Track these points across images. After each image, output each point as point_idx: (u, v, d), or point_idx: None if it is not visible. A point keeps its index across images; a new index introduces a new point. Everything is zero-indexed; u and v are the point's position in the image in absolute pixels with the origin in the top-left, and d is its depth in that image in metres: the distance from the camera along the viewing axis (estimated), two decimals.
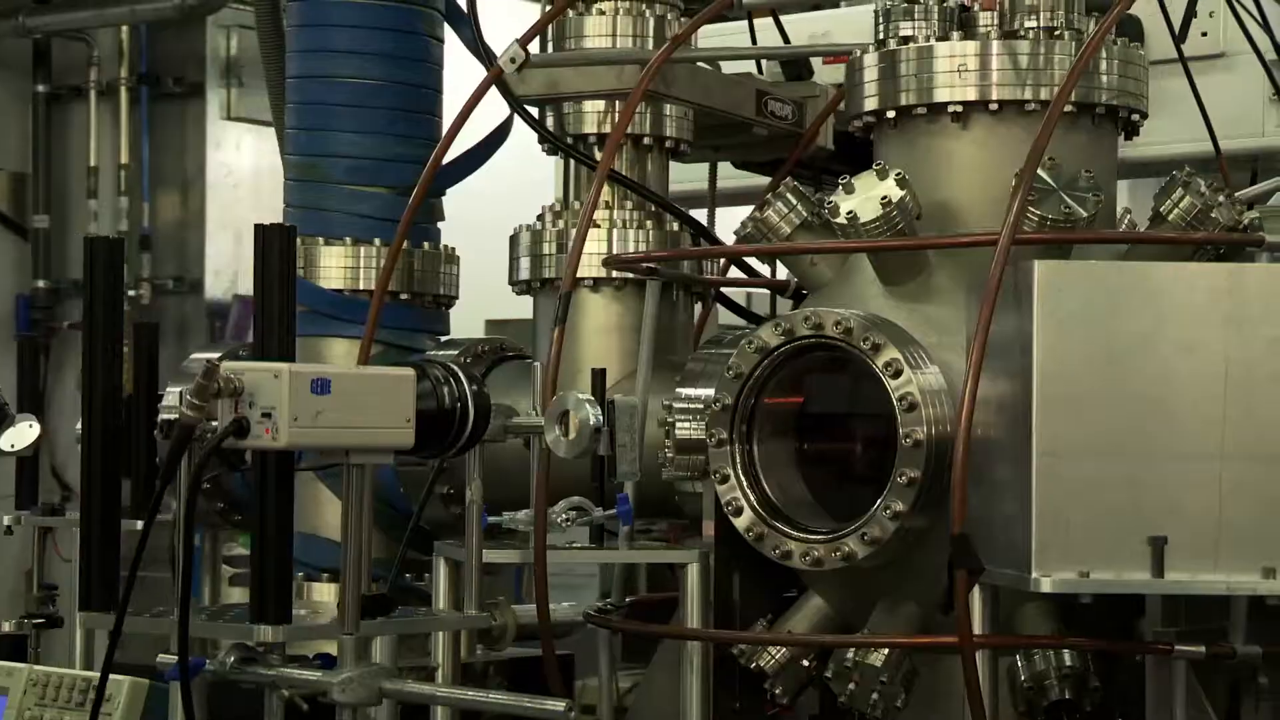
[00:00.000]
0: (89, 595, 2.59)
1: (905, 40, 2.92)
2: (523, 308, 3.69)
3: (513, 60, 3.17)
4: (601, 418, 2.67)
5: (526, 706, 2.42)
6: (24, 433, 3.50)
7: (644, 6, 3.36)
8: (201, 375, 2.22)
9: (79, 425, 2.88)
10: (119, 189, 7.91)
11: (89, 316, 2.58)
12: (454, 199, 3.82)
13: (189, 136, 8.01)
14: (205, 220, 7.75)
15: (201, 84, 7.95)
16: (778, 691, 2.87)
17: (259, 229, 2.42)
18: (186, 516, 2.36)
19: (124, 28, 8.08)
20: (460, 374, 2.49)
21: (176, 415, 2.38)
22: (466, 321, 4.10)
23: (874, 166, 2.89)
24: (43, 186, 8.36)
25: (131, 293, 7.48)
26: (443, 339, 3.60)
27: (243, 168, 7.76)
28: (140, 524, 2.58)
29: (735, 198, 3.85)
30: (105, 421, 2.58)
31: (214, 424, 2.26)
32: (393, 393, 2.35)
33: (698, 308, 3.58)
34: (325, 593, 3.03)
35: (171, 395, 2.72)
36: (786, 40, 3.58)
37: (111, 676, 2.68)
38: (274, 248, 2.46)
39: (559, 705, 2.33)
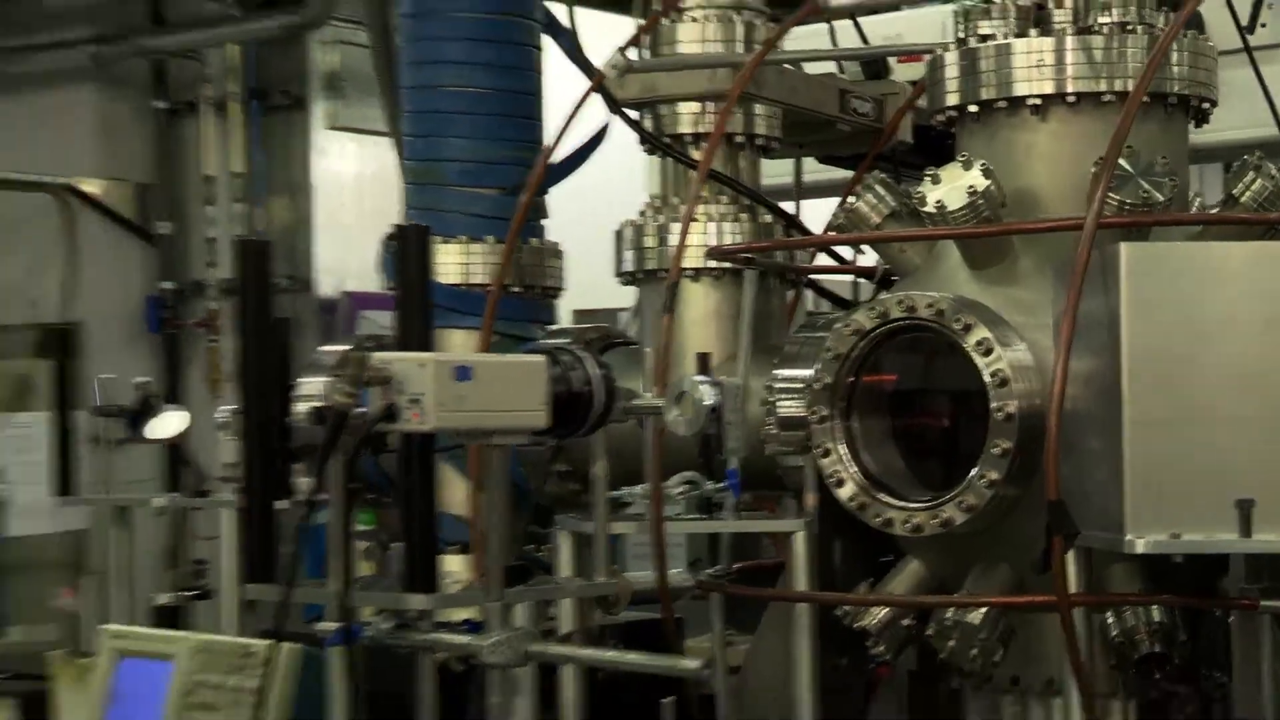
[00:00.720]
0: (253, 569, 2.61)
1: (985, 38, 2.90)
2: (605, 299, 3.67)
3: (614, 68, 3.16)
4: (716, 398, 2.65)
5: (664, 665, 2.42)
6: (172, 422, 3.52)
7: (732, 13, 3.34)
8: (353, 365, 2.24)
9: (213, 413, 2.88)
10: (234, 196, 7.96)
11: (244, 311, 2.60)
12: None
13: (296, 146, 8.04)
14: (313, 223, 7.80)
15: (306, 97, 7.98)
16: (880, 649, 2.86)
17: (398, 229, 2.44)
18: (345, 495, 2.37)
19: (234, 46, 8.11)
20: (589, 359, 2.49)
21: (324, 403, 2.40)
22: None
23: (958, 158, 2.86)
24: (165, 195, 8.41)
25: None
26: (550, 328, 3.58)
27: (346, 174, 7.79)
28: (282, 503, 2.64)
29: (819, 190, 3.81)
30: (261, 409, 2.58)
31: (361, 410, 2.27)
32: (528, 378, 2.35)
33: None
34: (454, 564, 3.02)
35: (311, 385, 2.69)
36: (865, 42, 3.56)
37: (271, 644, 2.68)
38: (412, 246, 2.47)
39: (694, 663, 2.34)
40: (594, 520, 2.67)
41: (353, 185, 7.68)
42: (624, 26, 3.56)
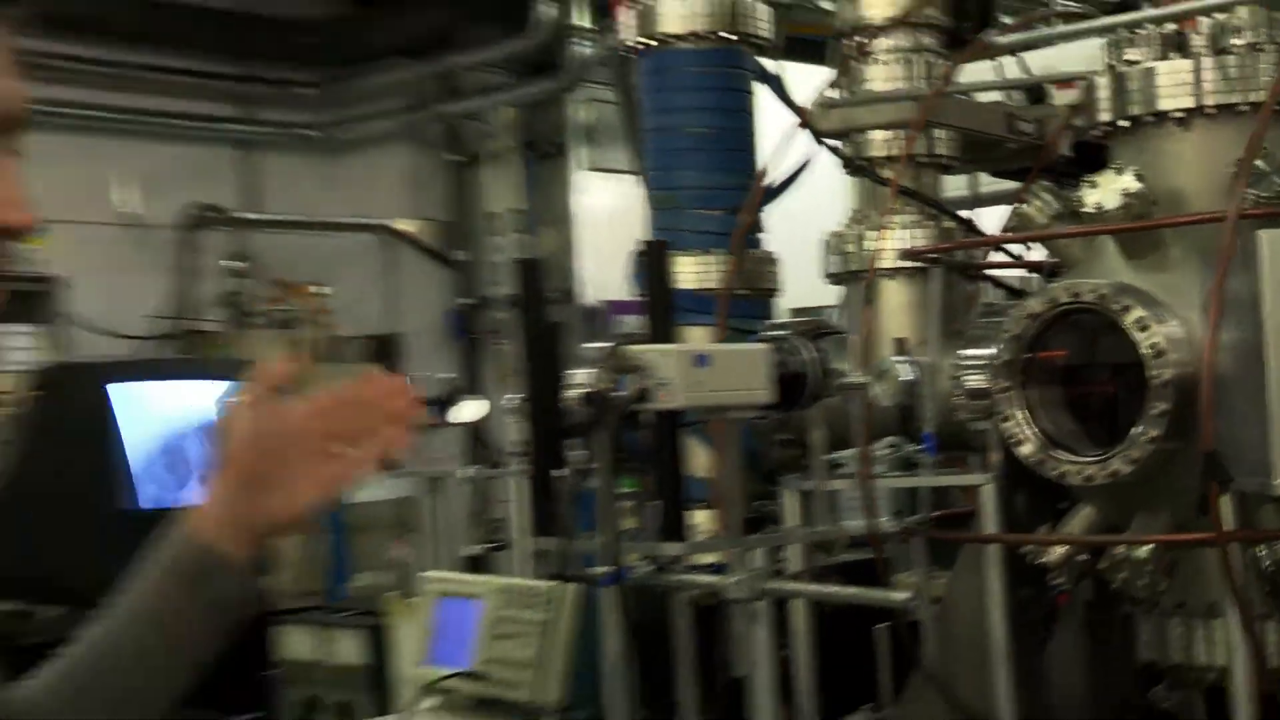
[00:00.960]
0: (539, 525, 2.65)
1: (1132, 63, 2.76)
2: (813, 298, 3.61)
3: (818, 107, 3.09)
4: (912, 374, 2.55)
5: (877, 598, 2.35)
6: (471, 408, 3.55)
7: (913, 54, 3.24)
8: (610, 357, 2.21)
9: (503, 401, 2.84)
10: (513, 228, 8.05)
11: (523, 318, 2.61)
12: None
13: (560, 186, 8.18)
14: (575, 247, 7.92)
15: (567, 145, 8.05)
16: (1060, 581, 2.74)
17: (644, 245, 2.41)
18: (610, 464, 2.32)
19: (509, 108, 8.24)
20: (806, 346, 2.43)
21: (590, 389, 2.37)
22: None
23: (1112, 166, 2.72)
24: (460, 230, 8.54)
25: None
26: (770, 322, 3.50)
27: (601, 206, 7.92)
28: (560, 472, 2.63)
29: (992, 200, 3.67)
30: (540, 397, 2.55)
31: (620, 394, 2.24)
32: (755, 362, 2.30)
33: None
34: (700, 518, 2.95)
35: (579, 375, 2.65)
36: (1027, 73, 3.39)
37: (557, 584, 2.65)
38: (654, 260, 2.42)
39: (902, 595, 2.27)
40: (813, 479, 2.57)
41: (606, 215, 7.73)
42: (820, 73, 3.46)
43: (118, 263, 7.70)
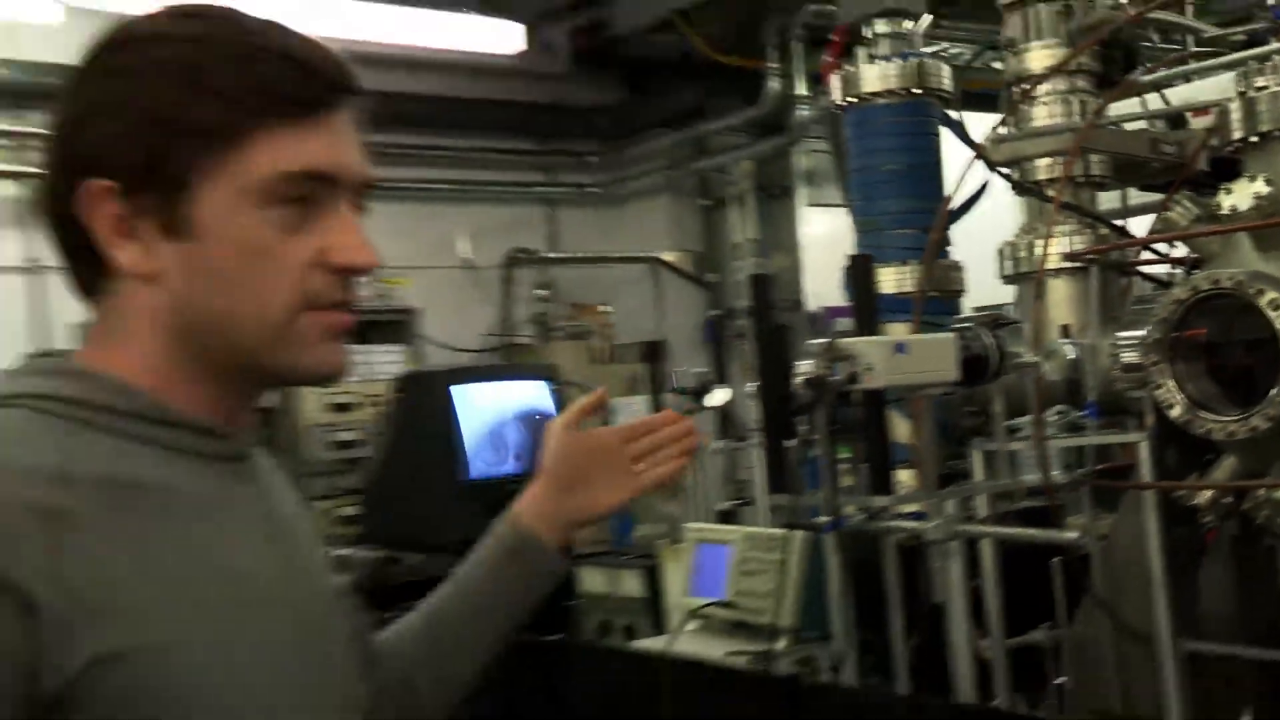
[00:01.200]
0: (774, 485, 2.60)
1: (1261, 88, 2.58)
2: (991, 298, 3.51)
3: (991, 143, 2.98)
4: (1076, 353, 2.42)
5: (1051, 536, 2.24)
6: (721, 395, 3.57)
7: (1070, 95, 3.09)
8: (827, 349, 2.15)
9: (745, 389, 2.81)
10: (751, 254, 8.09)
11: (757, 322, 2.59)
12: None
13: (787, 219, 8.19)
14: (801, 266, 7.88)
15: (792, 187, 8.03)
16: (1208, 519, 2.56)
17: (851, 260, 2.35)
18: (828, 433, 2.27)
19: (747, 162, 8.34)
20: (986, 333, 2.33)
21: (811, 376, 2.32)
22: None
23: (1245, 175, 2.54)
24: (711, 258, 8.61)
25: None
26: (958, 317, 3.39)
27: (819, 234, 7.85)
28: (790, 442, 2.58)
29: (1141, 210, 3.48)
30: (773, 385, 2.51)
31: (835, 378, 2.18)
32: (944, 348, 2.20)
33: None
34: (904, 476, 2.86)
35: (804, 366, 2.62)
36: (1167, 104, 3.21)
37: (789, 532, 2.61)
38: (859, 270, 2.35)
39: (1073, 534, 2.15)
40: (995, 441, 2.46)
41: (824, 240, 7.66)
42: (991, 119, 3.35)
43: (458, 296, 7.97)
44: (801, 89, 7.41)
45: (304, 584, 1.35)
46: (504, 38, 6.87)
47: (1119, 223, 3.23)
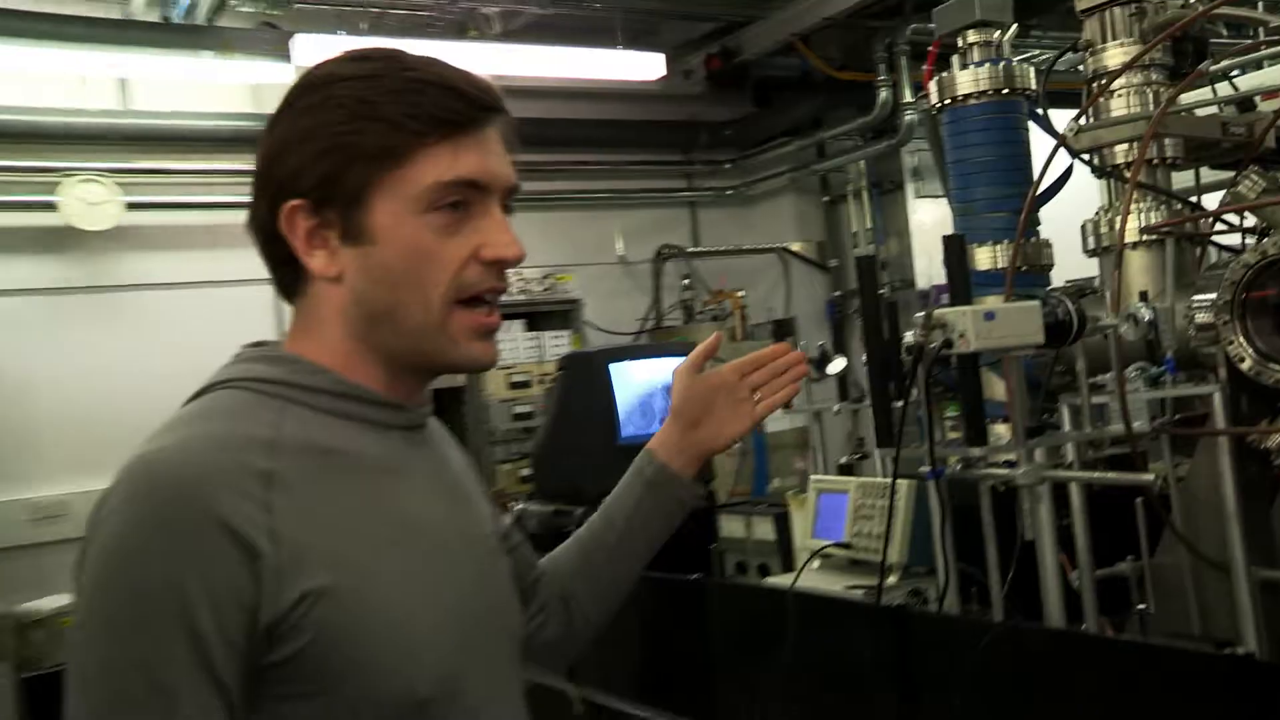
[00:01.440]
0: (882, 438, 2.53)
1: None
2: (1078, 272, 3.37)
3: (1072, 132, 2.84)
4: (1151, 315, 2.29)
5: (1129, 479, 2.13)
6: (839, 364, 3.52)
7: (1145, 87, 2.93)
8: (925, 319, 2.09)
9: (861, 359, 2.75)
10: (867, 241, 7.95)
11: (863, 297, 2.50)
12: None
13: (899, 209, 8.02)
14: (912, 250, 7.72)
15: (903, 182, 7.85)
16: (1278, 461, 2.41)
17: (946, 240, 2.26)
18: (928, 395, 2.21)
19: (861, 162, 8.15)
20: (1067, 300, 2.22)
21: (911, 344, 2.26)
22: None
23: None
24: (832, 246, 8.49)
25: (882, 291, 7.61)
26: (1047, 289, 3.26)
27: (926, 222, 7.68)
28: (897, 403, 2.51)
29: (1213, 186, 3.30)
30: (880, 353, 2.45)
31: (934, 344, 2.11)
32: (1029, 315, 2.12)
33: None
34: (999, 429, 2.76)
35: (909, 335, 2.54)
36: (1236, 89, 3.03)
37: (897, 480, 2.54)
38: (954, 250, 2.27)
39: (1149, 477, 2.04)
40: (1080, 397, 2.35)
41: (931, 226, 7.51)
42: (1072, 113, 3.20)
43: (616, 287, 8.03)
44: (908, 97, 7.32)
45: (470, 530, 1.39)
46: (648, 67, 6.89)
47: (1192, 199, 3.06)
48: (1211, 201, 3.06)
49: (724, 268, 8.22)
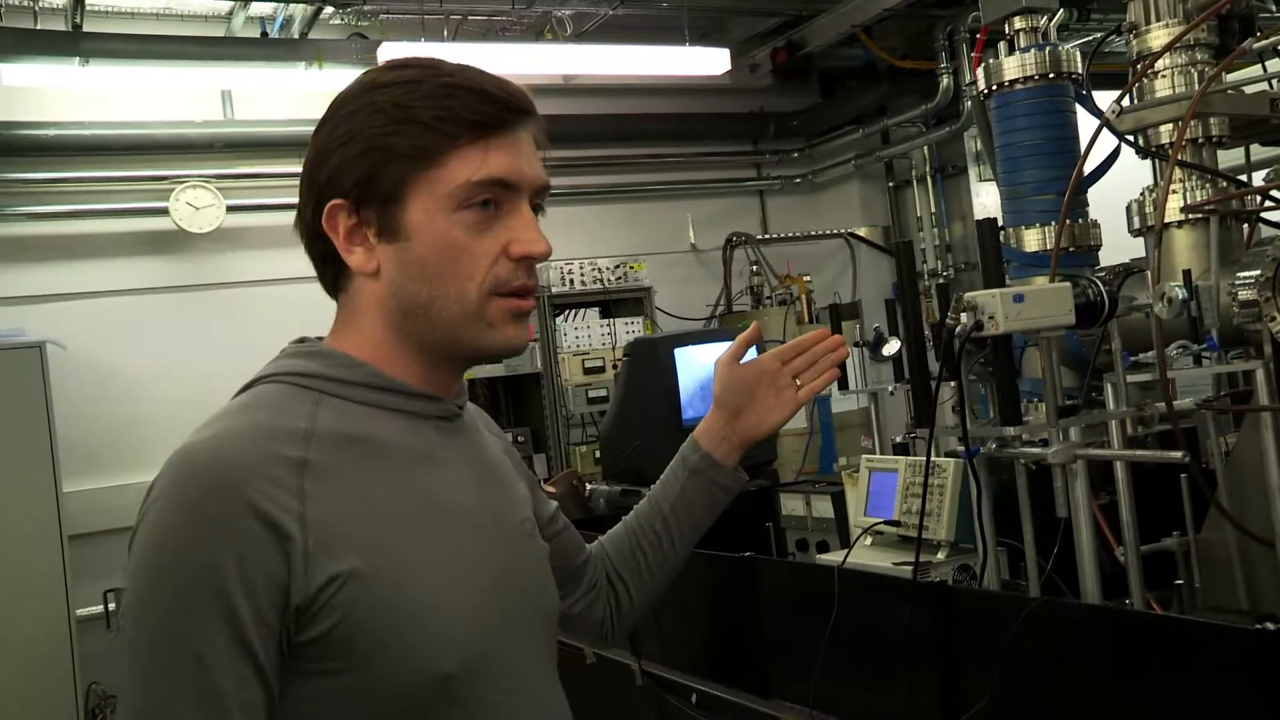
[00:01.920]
0: (918, 419, 2.54)
1: None
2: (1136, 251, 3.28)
3: (1115, 114, 2.76)
4: (1185, 294, 2.23)
5: (1156, 456, 2.07)
6: (894, 346, 3.48)
7: (1190, 67, 2.84)
8: (956, 301, 2.05)
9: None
10: (931, 225, 7.80)
11: (899, 282, 2.46)
12: None
13: (963, 193, 7.87)
14: (974, 233, 7.63)
15: (965, 167, 7.69)
16: None
17: (978, 223, 2.21)
18: (958, 375, 2.15)
19: (925, 148, 8.04)
20: (1097, 283, 2.16)
21: (946, 325, 2.21)
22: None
23: None
24: (897, 230, 8.37)
25: (946, 273, 7.45)
26: (1096, 268, 3.17)
27: (989, 205, 7.52)
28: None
29: (1263, 164, 3.18)
30: (916, 334, 2.39)
31: (964, 325, 2.07)
32: (1060, 296, 2.05)
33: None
34: (1039, 409, 2.69)
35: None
36: None
37: (944, 459, 2.54)
38: (988, 232, 2.23)
39: (1177, 454, 1.98)
40: (1117, 376, 2.28)
41: (994, 209, 7.25)
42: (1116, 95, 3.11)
43: (688, 274, 8.01)
44: (969, 83, 7.15)
45: (504, 515, 1.41)
46: (714, 62, 6.86)
47: (1242, 176, 2.95)
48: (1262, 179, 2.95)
49: (792, 254, 8.16)
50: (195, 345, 6.56)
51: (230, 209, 6.69)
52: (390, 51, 6.10)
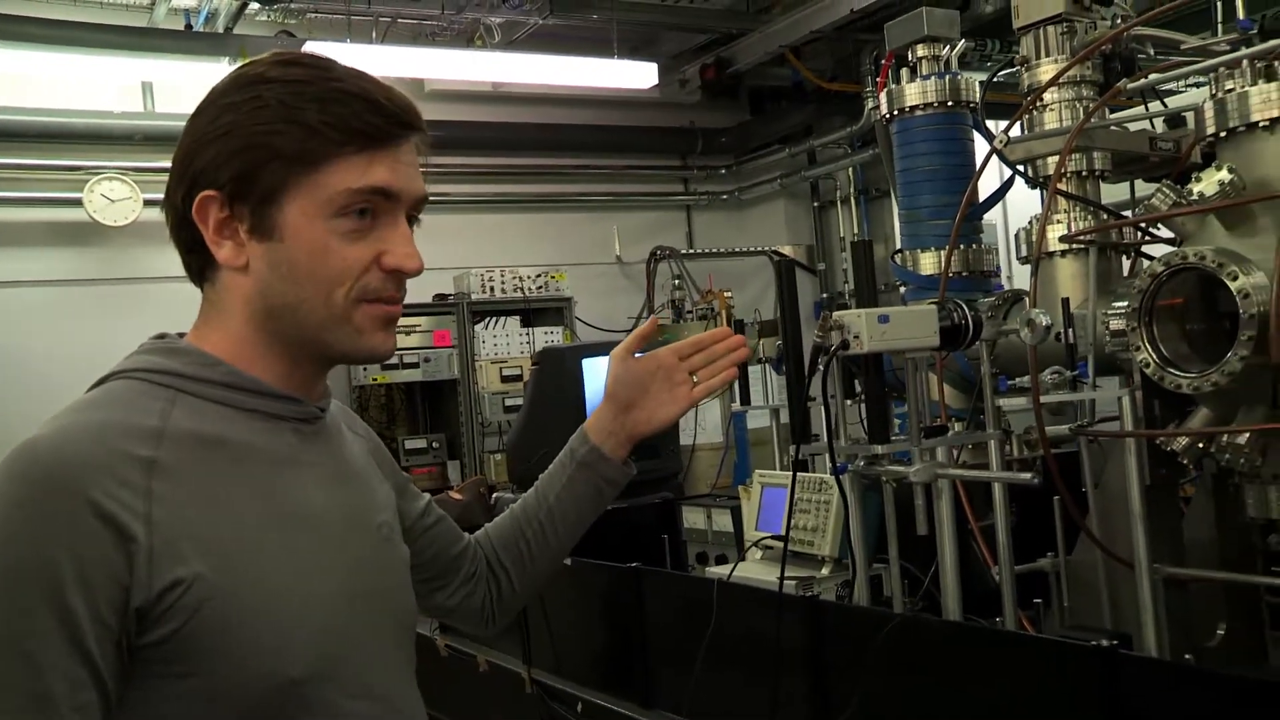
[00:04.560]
0: (795, 435, 2.48)
1: (1229, 90, 2.38)
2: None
3: (1002, 143, 2.85)
4: (1045, 321, 2.31)
5: (1007, 477, 2.14)
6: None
7: (1075, 102, 2.94)
8: (825, 320, 2.09)
9: None
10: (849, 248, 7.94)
11: (780, 303, 2.49)
12: None
13: (885, 216, 8.02)
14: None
15: (888, 190, 7.88)
16: (1185, 461, 2.43)
17: (853, 245, 2.27)
18: (828, 393, 2.20)
19: (850, 170, 8.15)
20: (964, 307, 2.23)
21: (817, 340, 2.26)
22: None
23: (1214, 166, 2.38)
24: (820, 250, 8.48)
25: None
26: (987, 297, 3.26)
27: None
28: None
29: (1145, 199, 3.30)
30: (795, 354, 2.42)
31: (829, 345, 2.12)
32: (925, 318, 2.11)
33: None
34: (956, 427, 2.76)
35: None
36: (1165, 105, 3.04)
37: (827, 475, 2.52)
38: (862, 253, 2.27)
39: (1026, 476, 2.05)
40: (984, 400, 2.34)
41: None
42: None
43: (611, 285, 8.04)
44: None
45: (361, 518, 1.40)
46: (642, 76, 6.93)
47: (1126, 211, 3.06)
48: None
49: (716, 269, 8.25)
50: (107, 339, 6.42)
51: (149, 203, 6.58)
52: (318, 51, 6.06)
